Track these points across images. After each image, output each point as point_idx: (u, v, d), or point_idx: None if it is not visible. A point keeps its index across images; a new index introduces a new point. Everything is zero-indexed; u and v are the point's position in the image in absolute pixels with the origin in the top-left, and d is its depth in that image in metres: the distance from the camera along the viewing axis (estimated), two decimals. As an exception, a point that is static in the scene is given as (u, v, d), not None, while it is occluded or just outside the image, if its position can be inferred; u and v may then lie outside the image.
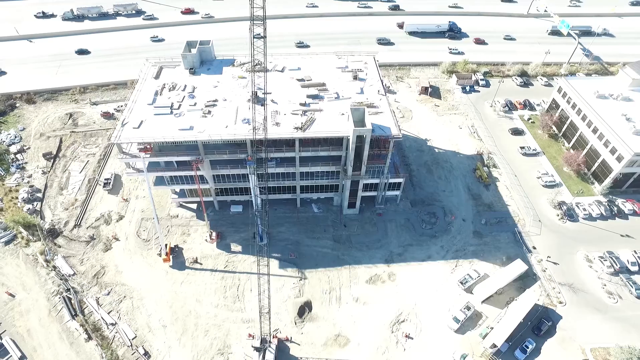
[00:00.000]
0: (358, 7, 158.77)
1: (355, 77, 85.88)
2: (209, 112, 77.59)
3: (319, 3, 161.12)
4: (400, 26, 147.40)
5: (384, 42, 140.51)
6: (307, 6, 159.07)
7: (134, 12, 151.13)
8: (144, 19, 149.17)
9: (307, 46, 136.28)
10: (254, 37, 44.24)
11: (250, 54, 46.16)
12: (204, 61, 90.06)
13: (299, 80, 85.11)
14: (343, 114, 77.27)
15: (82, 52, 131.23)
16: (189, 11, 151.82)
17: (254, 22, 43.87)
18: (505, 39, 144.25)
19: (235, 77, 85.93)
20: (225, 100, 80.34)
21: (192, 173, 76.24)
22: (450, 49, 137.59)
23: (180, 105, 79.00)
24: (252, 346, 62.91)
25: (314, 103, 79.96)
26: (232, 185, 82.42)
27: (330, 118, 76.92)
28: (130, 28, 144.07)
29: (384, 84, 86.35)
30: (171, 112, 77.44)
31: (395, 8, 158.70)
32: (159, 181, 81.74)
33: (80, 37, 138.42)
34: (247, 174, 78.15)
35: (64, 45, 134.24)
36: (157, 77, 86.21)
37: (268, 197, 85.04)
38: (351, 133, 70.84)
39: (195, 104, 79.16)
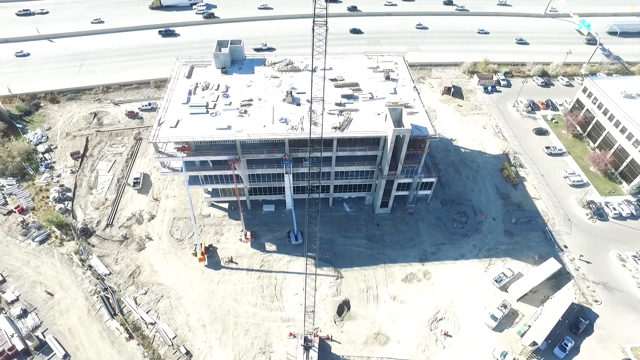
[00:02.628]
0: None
1: (387, 78, 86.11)
2: (245, 111, 77.77)
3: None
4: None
5: (592, 42, 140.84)
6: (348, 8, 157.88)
7: None
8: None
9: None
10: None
11: (311, 53, 46.35)
12: (234, 60, 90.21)
13: (331, 80, 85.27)
14: (379, 114, 77.49)
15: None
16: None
17: (316, 21, 44.15)
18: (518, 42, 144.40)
19: (267, 76, 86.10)
20: (260, 99, 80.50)
21: (230, 172, 76.43)
22: None
23: (215, 104, 79.17)
24: (301, 344, 63.14)
25: (349, 103, 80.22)
26: (266, 184, 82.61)
27: (366, 118, 77.17)
28: (145, 28, 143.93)
29: (415, 84, 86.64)
30: (207, 112, 77.60)
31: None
32: (193, 180, 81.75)
33: (101, 36, 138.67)
34: (283, 173, 78.68)
35: (84, 44, 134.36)
36: (189, 76, 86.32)
37: (296, 195, 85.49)
38: (390, 133, 71.16)
39: (230, 104, 79.34)
